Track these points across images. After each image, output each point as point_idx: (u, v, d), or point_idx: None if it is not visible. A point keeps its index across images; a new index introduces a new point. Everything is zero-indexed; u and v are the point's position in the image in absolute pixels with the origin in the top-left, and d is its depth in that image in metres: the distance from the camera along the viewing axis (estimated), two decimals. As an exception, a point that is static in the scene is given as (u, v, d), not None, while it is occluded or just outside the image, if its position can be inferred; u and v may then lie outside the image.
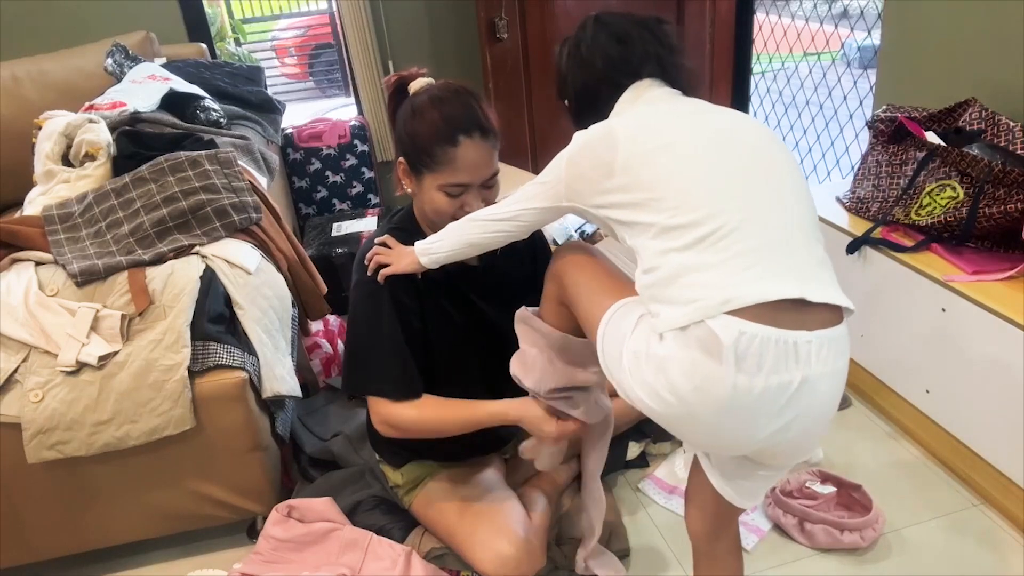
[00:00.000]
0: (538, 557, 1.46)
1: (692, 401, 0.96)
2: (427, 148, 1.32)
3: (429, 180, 1.35)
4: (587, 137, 1.12)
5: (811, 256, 1.03)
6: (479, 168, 1.32)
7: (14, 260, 1.73)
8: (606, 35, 1.21)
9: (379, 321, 1.40)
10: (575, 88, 1.24)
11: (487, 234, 1.24)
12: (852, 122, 3.06)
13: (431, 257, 1.30)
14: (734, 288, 0.95)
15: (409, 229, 1.43)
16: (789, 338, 0.95)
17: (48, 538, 1.66)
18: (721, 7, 3.10)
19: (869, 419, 2.03)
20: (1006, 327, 1.55)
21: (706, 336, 0.94)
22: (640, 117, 1.13)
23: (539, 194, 1.17)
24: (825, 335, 0.98)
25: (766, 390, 0.94)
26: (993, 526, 1.66)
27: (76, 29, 2.85)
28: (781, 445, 1.01)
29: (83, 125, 1.97)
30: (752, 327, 0.93)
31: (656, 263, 1.01)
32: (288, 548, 1.59)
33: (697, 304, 0.95)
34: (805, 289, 0.97)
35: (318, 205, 3.20)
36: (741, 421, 0.97)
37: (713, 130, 1.09)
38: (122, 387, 1.53)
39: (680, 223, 0.99)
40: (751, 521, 1.71)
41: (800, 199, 1.06)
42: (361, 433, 1.88)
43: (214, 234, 1.78)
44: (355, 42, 3.10)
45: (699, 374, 0.95)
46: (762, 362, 0.94)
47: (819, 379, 0.97)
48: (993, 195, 1.70)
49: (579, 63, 1.23)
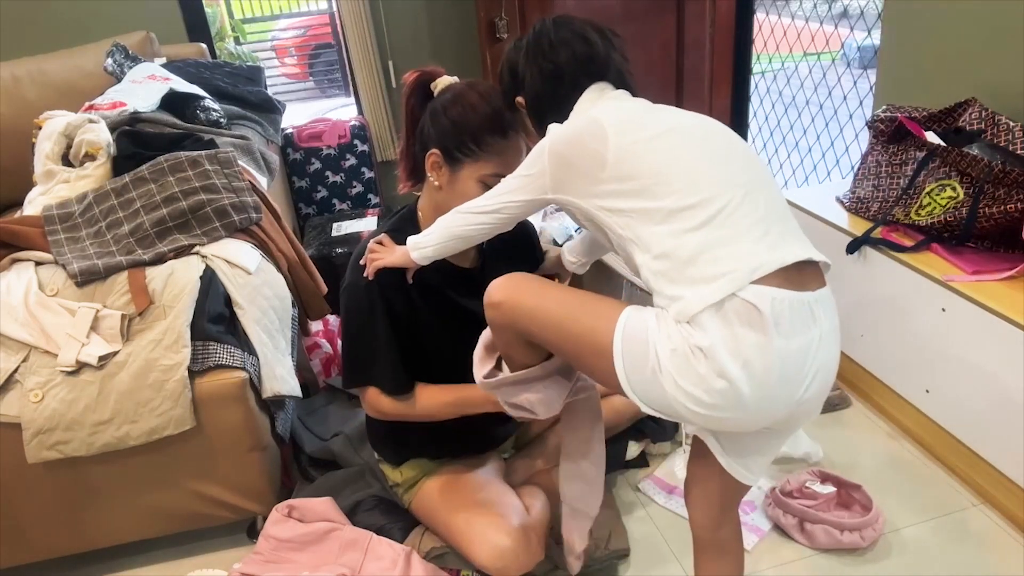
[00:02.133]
0: (536, 550, 1.46)
1: (743, 380, 0.97)
2: (476, 136, 1.33)
3: (469, 170, 1.35)
4: (570, 129, 1.13)
5: (794, 223, 1.10)
6: (519, 163, 1.33)
7: (14, 260, 1.73)
8: (570, 33, 1.22)
9: (371, 320, 1.41)
10: (535, 86, 1.23)
11: (472, 226, 1.24)
12: (852, 122, 3.05)
13: (420, 252, 1.30)
14: (757, 256, 1.00)
15: (407, 230, 1.43)
16: (804, 299, 1.01)
17: (48, 538, 1.66)
18: (721, 7, 3.10)
19: (869, 419, 2.03)
20: (1006, 327, 1.55)
21: (743, 308, 0.97)
22: (620, 111, 1.14)
23: (523, 187, 1.18)
24: (823, 294, 1.05)
25: (799, 350, 1.00)
26: (993, 526, 1.66)
27: (76, 29, 2.86)
28: (806, 404, 1.05)
29: (83, 125, 1.97)
30: (779, 292, 0.98)
31: (670, 246, 1.02)
32: (288, 548, 1.59)
33: (728, 277, 0.98)
34: (807, 251, 1.04)
35: (318, 205, 3.20)
36: (783, 387, 1.00)
37: (691, 123, 1.13)
38: (122, 387, 1.53)
39: (690, 203, 1.02)
40: (751, 521, 1.71)
41: (768, 178, 1.13)
42: (361, 433, 1.88)
43: (214, 234, 1.78)
44: (355, 42, 3.10)
45: (746, 349, 0.97)
46: (793, 324, 0.99)
47: (829, 335, 1.04)
48: (993, 195, 1.70)
49: (542, 59, 1.22)
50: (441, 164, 1.38)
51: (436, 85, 1.41)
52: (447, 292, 1.47)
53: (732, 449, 1.13)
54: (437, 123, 1.37)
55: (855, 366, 2.07)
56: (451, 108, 1.36)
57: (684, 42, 3.13)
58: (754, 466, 1.15)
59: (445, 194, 1.39)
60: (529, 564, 1.45)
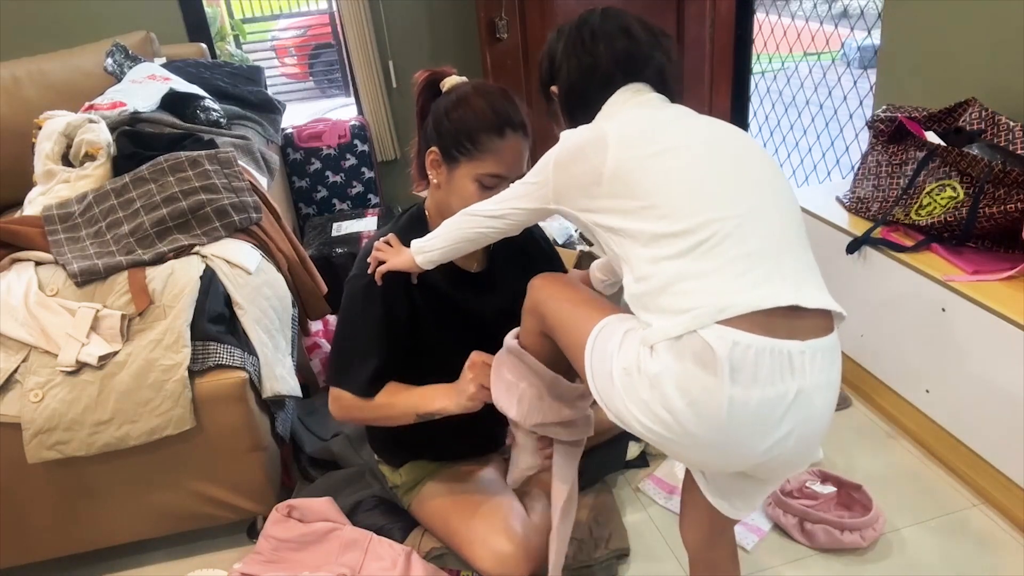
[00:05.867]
0: (538, 555, 1.46)
1: (688, 417, 0.94)
2: (472, 135, 1.33)
3: (465, 169, 1.35)
4: (576, 140, 1.10)
5: (802, 261, 1.02)
6: (517, 164, 1.34)
7: (14, 260, 1.73)
8: (615, 26, 1.19)
9: (363, 321, 1.40)
10: (570, 78, 1.20)
11: (478, 229, 1.23)
12: (852, 122, 3.05)
13: (426, 256, 1.29)
14: (729, 296, 0.93)
15: (416, 229, 1.42)
16: (783, 348, 0.93)
17: (48, 538, 1.66)
18: (721, 7, 3.10)
19: (869, 419, 2.03)
20: (1006, 327, 1.55)
21: (700, 347, 0.92)
22: (631, 123, 1.11)
23: (527, 194, 1.17)
24: (818, 345, 0.96)
25: (762, 402, 0.93)
26: (993, 526, 1.66)
27: (76, 29, 2.86)
28: (779, 459, 0.99)
29: (83, 125, 1.97)
30: (746, 337, 0.91)
31: (648, 271, 0.99)
32: (288, 548, 1.59)
33: (692, 313, 0.93)
34: (799, 295, 0.95)
35: (318, 205, 3.20)
36: (739, 436, 0.95)
37: (702, 137, 1.09)
38: (122, 387, 1.53)
39: (672, 231, 0.98)
40: (751, 521, 1.71)
41: (787, 204, 1.06)
42: (361, 433, 1.88)
43: (214, 234, 1.78)
44: (355, 42, 3.10)
45: (694, 388, 0.93)
46: (757, 373, 0.92)
47: (814, 391, 0.96)
48: (993, 195, 1.70)
49: (581, 50, 1.19)
50: (440, 163, 1.38)
51: (444, 84, 1.41)
52: (451, 294, 1.47)
53: (715, 486, 1.11)
54: (438, 122, 1.37)
55: (855, 366, 2.07)
56: (452, 108, 1.36)
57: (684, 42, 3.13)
58: (738, 504, 1.12)
59: (444, 193, 1.39)
60: (531, 569, 1.44)
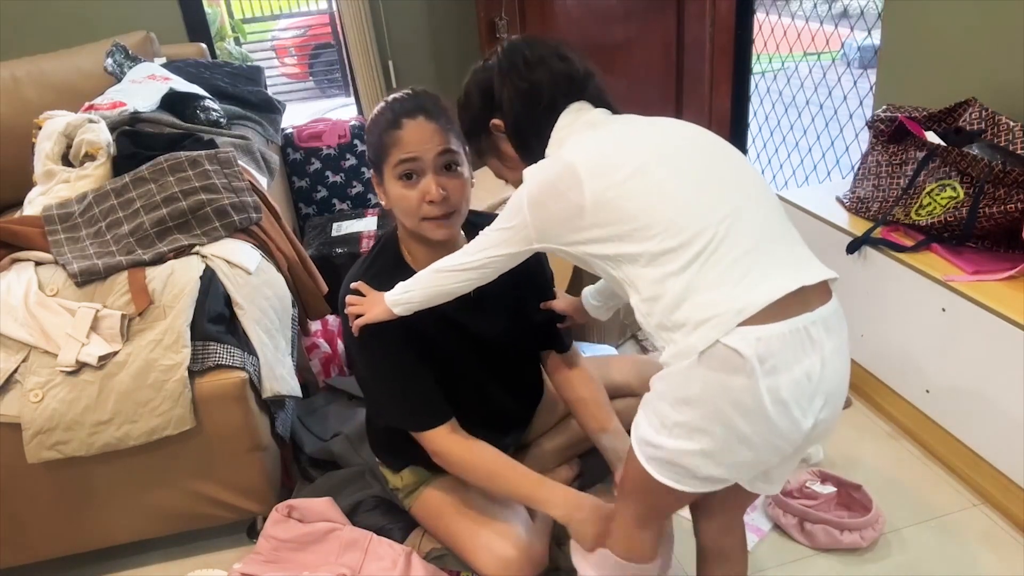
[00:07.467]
0: (540, 559, 1.46)
1: (738, 422, 0.98)
2: (377, 142, 1.32)
3: (387, 175, 1.33)
4: (545, 177, 1.09)
5: (790, 241, 1.07)
6: (424, 142, 1.29)
7: (14, 260, 1.73)
8: (546, 50, 1.18)
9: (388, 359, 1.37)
10: (515, 108, 1.17)
11: (458, 283, 1.21)
12: (852, 122, 3.05)
13: (404, 307, 1.27)
14: (741, 299, 0.97)
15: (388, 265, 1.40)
16: (799, 324, 0.98)
17: (48, 538, 1.66)
18: (721, 7, 3.10)
19: (869, 419, 2.03)
20: (1006, 327, 1.55)
21: (727, 355, 0.96)
22: (590, 149, 1.09)
23: (506, 240, 1.14)
24: (826, 311, 1.02)
25: (794, 382, 0.98)
26: (993, 526, 1.66)
27: (76, 29, 2.86)
28: (820, 426, 1.04)
29: (83, 125, 1.97)
30: (766, 330, 0.96)
31: (657, 291, 1.01)
32: (288, 548, 1.59)
33: (712, 322, 0.97)
34: (799, 277, 1.00)
35: (318, 205, 3.20)
36: (787, 420, 0.99)
37: (671, 145, 1.09)
38: (122, 387, 1.53)
39: (671, 246, 1.00)
40: (751, 521, 1.71)
41: (761, 188, 1.10)
42: (361, 433, 1.88)
43: (214, 234, 1.78)
44: (355, 42, 3.10)
45: (733, 393, 0.97)
46: (784, 358, 0.97)
47: (834, 355, 1.02)
48: (993, 195, 1.70)
49: (517, 78, 1.16)
50: (378, 183, 1.38)
51: None
52: (444, 317, 1.40)
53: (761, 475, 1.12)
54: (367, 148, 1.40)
55: (855, 366, 2.07)
56: (367, 129, 1.38)
57: (684, 42, 3.13)
58: (775, 478, 1.14)
59: (392, 206, 1.36)
60: (534, 573, 1.44)
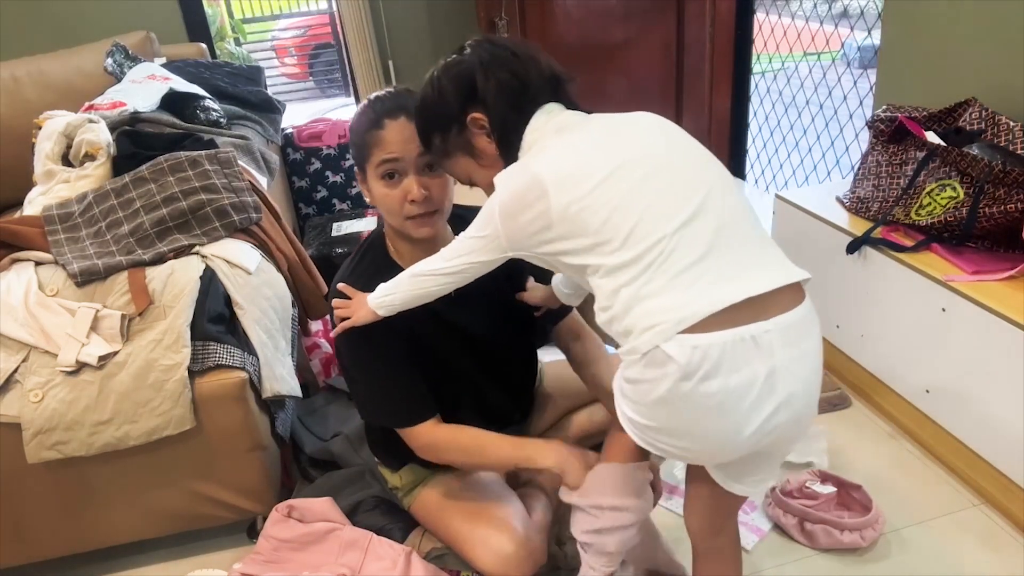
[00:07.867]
0: (539, 555, 1.46)
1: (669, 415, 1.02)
2: (360, 142, 1.34)
3: (370, 174, 1.35)
4: (514, 189, 1.10)
5: (751, 245, 1.06)
6: (406, 143, 1.30)
7: (14, 260, 1.73)
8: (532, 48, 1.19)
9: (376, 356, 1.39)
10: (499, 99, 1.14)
11: (436, 287, 1.24)
12: (852, 122, 3.06)
13: (388, 309, 1.29)
14: (684, 308, 0.98)
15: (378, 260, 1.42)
16: (746, 333, 0.98)
17: (48, 538, 1.66)
18: (721, 7, 3.10)
19: (869, 419, 2.03)
20: (1006, 327, 1.55)
21: (662, 358, 0.99)
22: (560, 158, 1.10)
23: (480, 248, 1.16)
24: (784, 320, 1.00)
25: (726, 390, 0.98)
26: (993, 526, 1.66)
27: (76, 29, 2.86)
28: (775, 433, 1.04)
29: (83, 125, 1.98)
30: (706, 338, 0.97)
31: (610, 302, 1.04)
32: (288, 548, 1.59)
33: (654, 330, 0.99)
34: (750, 286, 0.99)
35: (318, 205, 3.20)
36: (722, 422, 1.00)
37: (635, 151, 1.09)
38: (122, 387, 1.53)
39: (624, 260, 1.02)
40: (751, 521, 1.71)
41: (727, 186, 1.09)
42: (361, 433, 1.88)
43: (214, 234, 1.78)
44: (355, 42, 3.10)
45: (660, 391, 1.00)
46: (718, 365, 0.97)
47: (791, 363, 1.00)
48: (993, 195, 1.70)
49: (506, 69, 1.15)
50: (362, 182, 1.40)
51: None
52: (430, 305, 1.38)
53: (724, 473, 1.15)
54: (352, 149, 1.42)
55: (855, 366, 2.07)
56: (350, 130, 1.39)
57: (684, 42, 3.13)
58: (752, 483, 1.15)
59: (376, 204, 1.39)
60: (533, 569, 1.44)
